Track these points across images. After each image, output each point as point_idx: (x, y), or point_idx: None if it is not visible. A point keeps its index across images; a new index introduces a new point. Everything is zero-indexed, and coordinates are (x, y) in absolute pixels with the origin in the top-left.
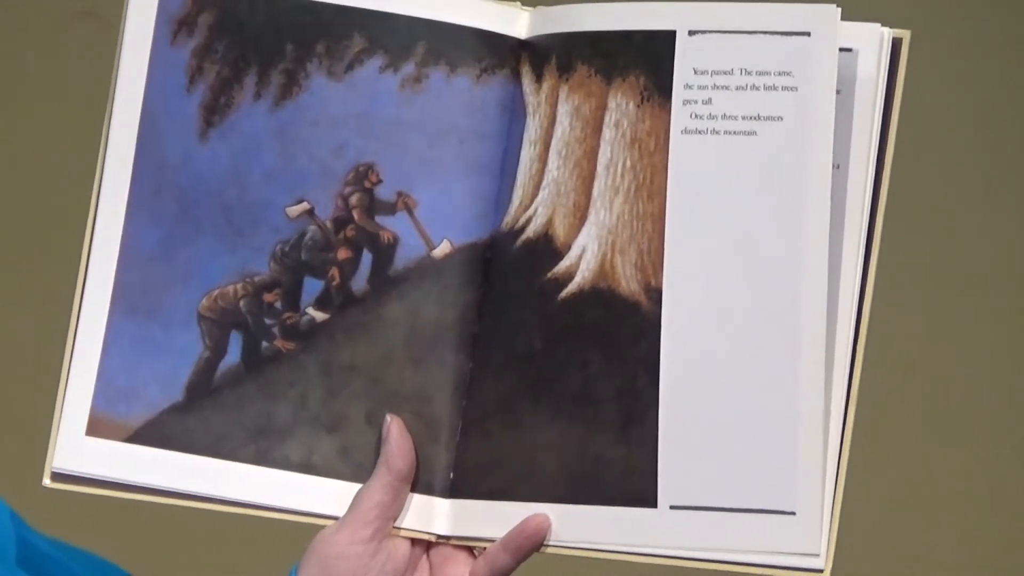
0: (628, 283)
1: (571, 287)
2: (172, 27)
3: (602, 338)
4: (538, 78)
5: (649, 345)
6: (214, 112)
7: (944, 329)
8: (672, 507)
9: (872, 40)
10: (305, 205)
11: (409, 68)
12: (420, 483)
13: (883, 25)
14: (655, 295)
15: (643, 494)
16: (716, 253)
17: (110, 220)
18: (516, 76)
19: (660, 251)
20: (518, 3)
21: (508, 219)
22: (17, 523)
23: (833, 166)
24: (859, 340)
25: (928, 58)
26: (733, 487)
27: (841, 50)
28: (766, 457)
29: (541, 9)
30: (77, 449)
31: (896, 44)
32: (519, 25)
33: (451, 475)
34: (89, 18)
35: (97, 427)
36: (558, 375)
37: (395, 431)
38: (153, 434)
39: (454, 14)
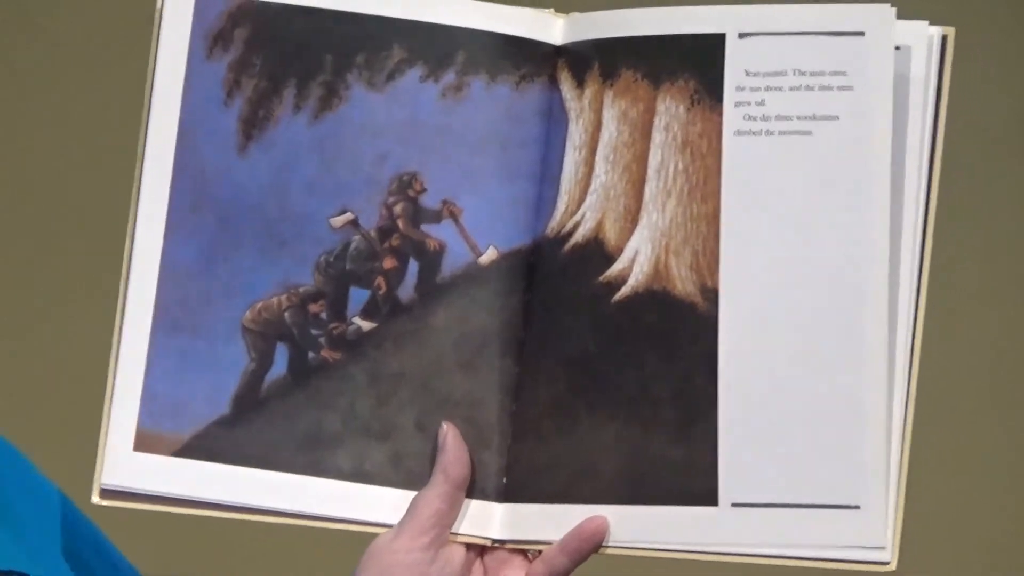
0: (683, 284)
1: (625, 290)
2: (207, 42)
3: (658, 339)
4: (579, 84)
5: (706, 345)
6: (253, 126)
7: (1003, 322)
8: (734, 504)
9: (921, 38)
10: (349, 215)
11: (450, 77)
12: (474, 488)
13: (931, 23)
14: (711, 295)
15: (704, 492)
16: (773, 252)
17: (149, 237)
18: (553, 82)
19: (715, 252)
20: (551, 9)
21: (554, 224)
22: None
23: None
24: (916, 333)
25: (973, 55)
26: (796, 483)
27: None
28: (829, 452)
29: (576, 16)
30: (125, 465)
31: (941, 41)
32: (554, 31)
33: (504, 479)
34: (120, 33)
35: (145, 442)
36: (614, 377)
37: (451, 439)
38: (201, 447)
39: (490, 22)
